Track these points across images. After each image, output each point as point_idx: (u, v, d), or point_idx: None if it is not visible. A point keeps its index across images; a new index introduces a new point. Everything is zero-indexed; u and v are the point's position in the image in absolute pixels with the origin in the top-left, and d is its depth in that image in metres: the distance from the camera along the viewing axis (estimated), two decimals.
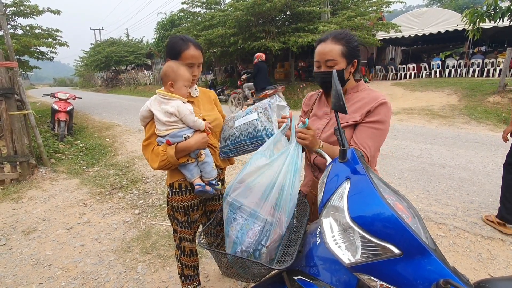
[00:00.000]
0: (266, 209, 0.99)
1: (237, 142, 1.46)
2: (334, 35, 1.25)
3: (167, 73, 1.41)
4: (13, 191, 3.94)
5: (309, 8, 10.42)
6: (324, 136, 1.33)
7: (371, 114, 1.24)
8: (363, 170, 0.89)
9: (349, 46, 1.24)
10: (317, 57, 1.28)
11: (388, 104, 1.25)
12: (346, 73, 1.28)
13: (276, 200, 1.00)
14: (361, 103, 1.27)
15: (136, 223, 3.02)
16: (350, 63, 1.27)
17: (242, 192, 1.02)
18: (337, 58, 1.23)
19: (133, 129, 7.92)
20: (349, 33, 1.27)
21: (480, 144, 5.23)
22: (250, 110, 1.46)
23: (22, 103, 4.45)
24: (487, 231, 2.55)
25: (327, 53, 1.23)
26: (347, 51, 1.24)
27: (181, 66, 1.42)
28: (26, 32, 9.14)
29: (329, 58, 1.23)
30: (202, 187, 1.49)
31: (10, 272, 2.34)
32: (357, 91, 1.33)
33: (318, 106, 1.47)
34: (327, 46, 1.24)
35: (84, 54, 31.01)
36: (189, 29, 14.09)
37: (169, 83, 1.41)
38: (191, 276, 1.81)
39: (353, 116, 1.26)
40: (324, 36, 1.29)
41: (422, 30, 13.03)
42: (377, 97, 1.25)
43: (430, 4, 41.50)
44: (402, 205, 0.83)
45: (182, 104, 1.42)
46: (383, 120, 1.24)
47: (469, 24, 8.03)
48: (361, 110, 1.26)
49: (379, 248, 0.73)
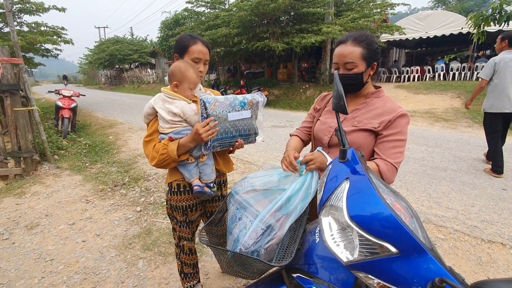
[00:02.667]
0: (272, 215, 1.00)
1: (231, 136, 1.40)
2: (355, 37, 1.23)
3: (174, 72, 1.41)
4: (16, 186, 3.98)
5: (313, 9, 10.42)
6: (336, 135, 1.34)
7: (392, 125, 1.25)
8: (362, 170, 0.90)
9: (370, 48, 1.22)
10: (336, 59, 1.26)
11: (407, 116, 1.27)
12: (365, 76, 1.27)
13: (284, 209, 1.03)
14: (380, 111, 1.28)
15: (137, 220, 3.04)
16: (370, 66, 1.26)
17: (255, 196, 1.04)
18: (357, 61, 1.21)
19: (135, 127, 7.97)
20: (370, 35, 1.25)
21: (482, 148, 5.21)
22: (245, 105, 1.39)
23: (27, 100, 4.49)
24: (487, 235, 2.55)
25: (347, 56, 1.22)
26: (367, 53, 1.22)
27: (190, 68, 1.41)
28: (32, 29, 9.22)
29: (348, 61, 1.22)
30: (201, 188, 1.48)
31: (12, 265, 2.37)
32: (377, 97, 1.33)
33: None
34: (347, 48, 1.22)
35: (88, 52, 31.20)
36: (193, 28, 14.13)
37: (174, 83, 1.42)
38: (191, 274, 1.82)
39: (371, 122, 1.26)
40: (344, 38, 1.27)
41: (426, 33, 12.98)
42: (396, 109, 1.26)
43: (435, 6, 41.35)
44: (400, 205, 0.84)
45: (186, 105, 1.42)
46: (404, 131, 1.26)
47: (474, 27, 8.02)
48: (380, 118, 1.26)
49: (376, 247, 0.75)
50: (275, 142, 5.95)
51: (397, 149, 1.25)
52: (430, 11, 15.17)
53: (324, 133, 1.38)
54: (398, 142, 1.25)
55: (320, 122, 1.44)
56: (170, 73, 1.43)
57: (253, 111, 1.43)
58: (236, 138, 1.43)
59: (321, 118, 1.45)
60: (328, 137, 1.35)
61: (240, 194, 1.10)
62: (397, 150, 1.25)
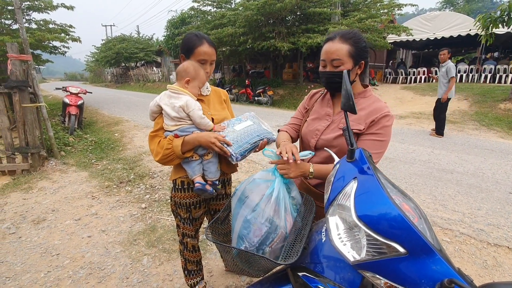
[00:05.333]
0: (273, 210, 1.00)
1: (250, 139, 1.45)
2: (342, 34, 1.22)
3: (188, 69, 1.43)
4: (23, 182, 4.03)
5: (320, 9, 10.38)
6: (323, 138, 1.31)
7: (374, 124, 1.23)
8: (370, 170, 0.90)
9: (357, 46, 1.21)
10: (323, 56, 1.25)
11: (391, 116, 1.25)
12: (352, 74, 1.24)
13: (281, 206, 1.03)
14: (366, 112, 1.25)
15: (142, 217, 3.07)
16: (357, 64, 1.24)
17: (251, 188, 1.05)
18: (344, 58, 1.19)
19: (141, 125, 8.02)
20: (357, 33, 1.24)
21: (489, 151, 5.16)
22: (240, 120, 1.55)
23: (35, 96, 4.54)
24: (494, 238, 2.53)
25: (334, 52, 1.20)
26: (354, 51, 1.20)
27: (202, 69, 1.47)
28: (40, 27, 9.31)
29: (335, 58, 1.20)
30: (202, 186, 1.46)
31: (19, 259, 2.40)
32: (363, 97, 1.30)
33: (320, 105, 1.43)
34: (334, 45, 1.21)
35: (95, 49, 31.44)
36: (199, 27, 14.18)
37: (186, 79, 1.43)
38: (194, 271, 1.83)
39: (357, 124, 1.24)
40: (332, 35, 1.25)
41: (434, 34, 12.87)
42: (382, 109, 1.24)
43: (443, 7, 40.95)
44: (409, 205, 0.83)
45: (191, 99, 1.43)
46: (387, 132, 1.24)
47: (482, 29, 7.92)
48: (366, 120, 1.24)
49: (384, 247, 0.74)
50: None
51: (375, 149, 1.22)
52: (438, 12, 15.02)
53: (311, 136, 1.36)
54: (377, 143, 1.23)
55: (307, 124, 1.42)
56: (182, 69, 1.44)
57: (253, 119, 1.55)
58: (254, 139, 1.46)
59: (309, 120, 1.43)
60: (315, 140, 1.34)
61: (240, 190, 1.12)
62: (375, 151, 1.21)
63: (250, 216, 0.98)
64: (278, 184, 1.06)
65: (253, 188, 1.06)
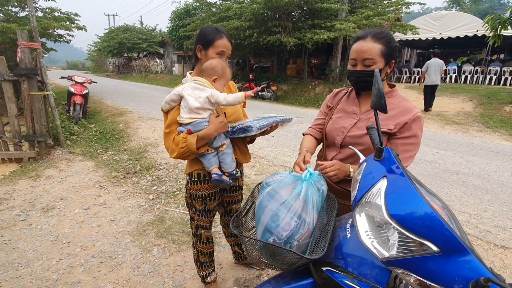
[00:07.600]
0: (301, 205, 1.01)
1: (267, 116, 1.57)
2: (374, 33, 1.23)
3: (216, 68, 1.45)
4: (31, 169, 4.05)
5: (327, 5, 10.28)
6: (350, 135, 1.32)
7: (407, 127, 1.24)
8: (400, 169, 0.91)
9: (389, 45, 1.22)
10: (354, 55, 1.25)
11: (422, 117, 1.27)
12: (382, 74, 1.26)
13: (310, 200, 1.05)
14: (395, 112, 1.27)
15: (150, 208, 3.09)
16: (388, 64, 1.25)
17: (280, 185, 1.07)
18: (376, 57, 1.20)
19: (145, 116, 8.01)
20: (388, 32, 1.25)
21: (494, 153, 5.17)
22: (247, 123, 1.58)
23: (43, 84, 4.54)
24: (501, 240, 2.55)
25: (366, 52, 1.21)
26: (386, 50, 1.21)
27: (228, 68, 1.50)
28: (46, 15, 9.24)
29: (367, 57, 1.21)
30: (219, 176, 1.51)
31: (30, 246, 2.43)
32: (391, 97, 1.32)
33: (346, 103, 1.43)
34: (366, 44, 1.22)
35: (98, 39, 31.21)
36: (204, 19, 14.05)
37: (214, 77, 1.46)
38: (206, 262, 1.87)
39: (387, 123, 1.26)
40: (362, 34, 1.26)
41: (440, 34, 12.77)
42: (411, 109, 1.26)
43: (449, 7, 40.59)
44: (437, 205, 0.85)
45: (215, 90, 1.45)
46: (419, 134, 1.26)
47: (491, 30, 7.84)
48: (396, 120, 1.25)
49: (416, 245, 0.76)
50: (285, 137, 5.96)
51: (409, 153, 1.25)
52: (445, 12, 14.90)
53: (337, 134, 1.37)
54: (411, 146, 1.25)
55: (332, 121, 1.42)
56: (210, 67, 1.45)
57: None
58: (271, 118, 1.55)
59: (334, 117, 1.43)
60: (341, 138, 1.34)
61: (266, 181, 1.14)
62: (409, 154, 1.25)
63: (279, 210, 0.99)
64: (307, 182, 1.08)
65: (283, 183, 1.07)
